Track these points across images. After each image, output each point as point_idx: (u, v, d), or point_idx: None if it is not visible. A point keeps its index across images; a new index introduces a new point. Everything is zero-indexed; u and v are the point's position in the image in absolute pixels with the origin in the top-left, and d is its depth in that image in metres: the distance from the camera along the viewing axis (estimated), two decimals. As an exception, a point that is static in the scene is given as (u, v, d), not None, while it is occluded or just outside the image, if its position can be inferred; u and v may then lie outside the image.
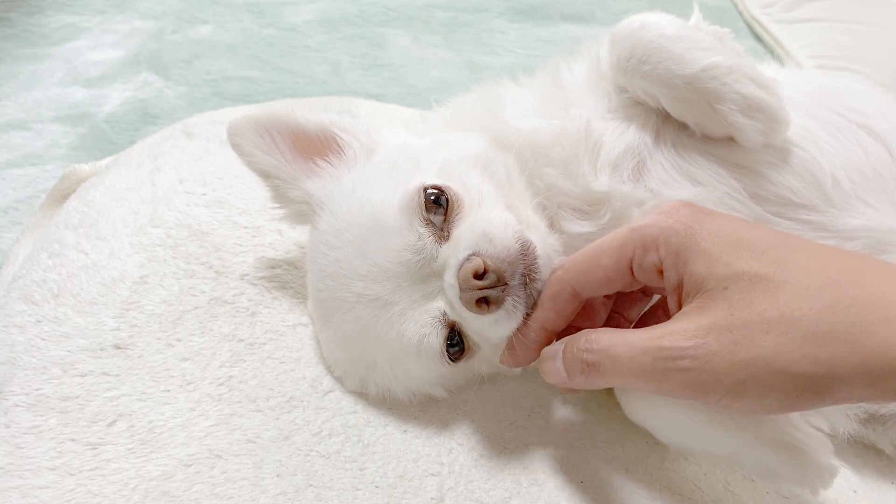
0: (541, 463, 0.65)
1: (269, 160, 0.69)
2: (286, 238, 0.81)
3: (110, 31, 1.60)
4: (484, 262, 0.55)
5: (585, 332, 0.52)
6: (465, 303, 0.56)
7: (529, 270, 0.57)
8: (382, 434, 0.66)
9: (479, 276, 0.55)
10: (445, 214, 0.60)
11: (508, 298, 0.56)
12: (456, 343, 0.60)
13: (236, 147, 0.69)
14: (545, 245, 0.60)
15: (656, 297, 0.60)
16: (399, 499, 0.61)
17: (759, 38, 1.62)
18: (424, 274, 0.59)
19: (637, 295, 0.59)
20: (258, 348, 0.71)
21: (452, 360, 0.61)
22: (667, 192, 0.65)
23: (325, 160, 0.69)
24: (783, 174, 0.65)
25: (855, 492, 0.66)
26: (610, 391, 0.68)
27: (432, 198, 0.60)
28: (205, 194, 0.84)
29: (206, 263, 0.77)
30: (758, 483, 0.65)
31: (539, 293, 0.58)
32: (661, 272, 0.50)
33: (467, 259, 0.55)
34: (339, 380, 0.70)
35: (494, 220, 0.58)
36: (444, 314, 0.59)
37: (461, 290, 0.55)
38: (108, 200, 0.84)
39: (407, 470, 0.63)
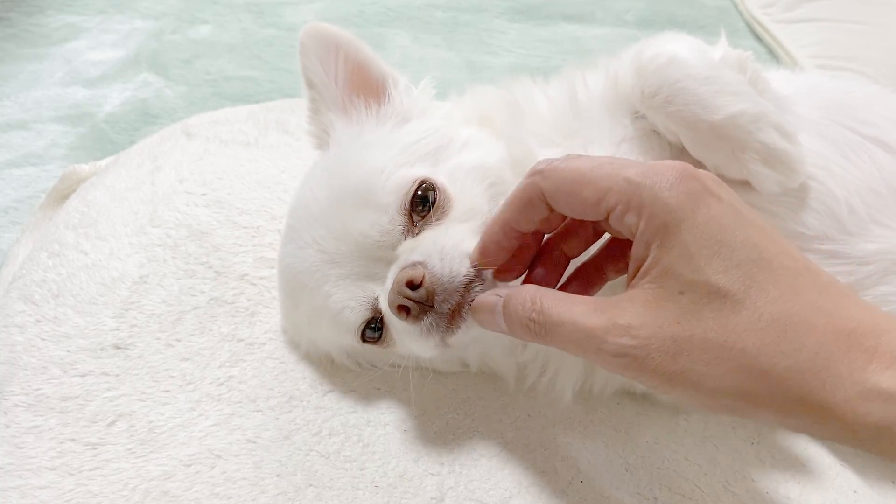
0: (540, 463, 0.65)
1: (322, 75, 0.70)
2: (286, 238, 0.81)
3: (110, 31, 1.60)
4: (424, 276, 0.54)
5: (530, 291, 0.50)
6: (389, 302, 0.56)
7: (460, 307, 0.56)
8: (382, 434, 0.66)
9: (413, 285, 0.55)
10: (428, 212, 0.60)
11: (427, 319, 0.56)
12: (377, 328, 0.61)
13: (303, 46, 0.70)
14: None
15: (604, 240, 0.56)
16: (399, 499, 0.61)
17: (759, 38, 1.62)
18: (378, 256, 0.60)
19: (587, 229, 0.55)
20: (258, 348, 0.71)
21: (364, 341, 0.62)
22: None
23: (368, 103, 0.69)
24: (797, 212, 0.64)
25: (855, 492, 0.66)
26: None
27: (421, 193, 0.60)
28: (205, 194, 0.84)
29: (206, 263, 0.77)
30: (758, 483, 0.65)
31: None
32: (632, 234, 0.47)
33: (412, 265, 0.55)
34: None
35: (461, 243, 0.57)
36: (376, 299, 0.60)
37: (391, 288, 0.56)
38: (108, 200, 0.84)
39: (407, 470, 0.63)
